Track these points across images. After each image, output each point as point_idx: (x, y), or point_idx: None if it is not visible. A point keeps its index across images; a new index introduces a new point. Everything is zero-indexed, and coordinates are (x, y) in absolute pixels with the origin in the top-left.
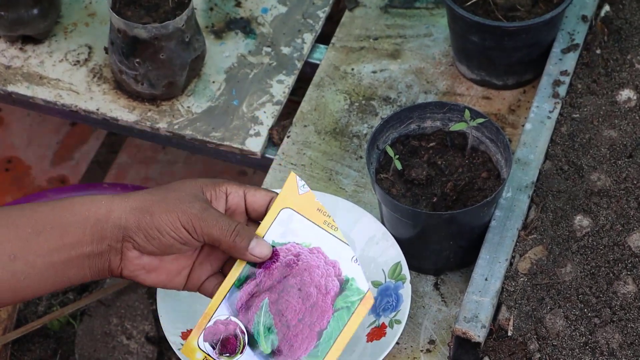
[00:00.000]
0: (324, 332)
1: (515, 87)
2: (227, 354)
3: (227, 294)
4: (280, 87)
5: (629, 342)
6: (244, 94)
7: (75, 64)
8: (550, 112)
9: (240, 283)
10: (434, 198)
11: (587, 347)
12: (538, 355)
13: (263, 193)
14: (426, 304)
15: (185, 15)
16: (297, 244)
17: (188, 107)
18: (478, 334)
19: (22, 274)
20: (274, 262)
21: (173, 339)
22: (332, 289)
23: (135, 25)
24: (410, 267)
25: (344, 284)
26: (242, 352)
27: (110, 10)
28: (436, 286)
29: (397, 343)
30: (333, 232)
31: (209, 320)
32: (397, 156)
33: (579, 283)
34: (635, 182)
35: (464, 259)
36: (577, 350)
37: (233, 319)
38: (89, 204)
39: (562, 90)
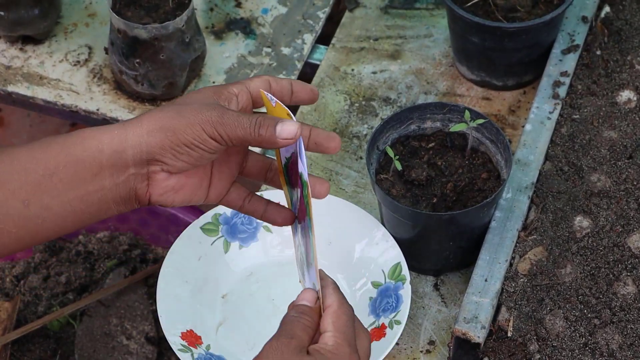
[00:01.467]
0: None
1: (515, 88)
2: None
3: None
4: None
5: (628, 343)
6: None
7: (75, 64)
8: (550, 113)
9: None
10: (434, 199)
11: (587, 348)
12: (538, 356)
13: (258, 79)
14: (426, 305)
15: (186, 16)
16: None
17: None
18: (478, 335)
19: (38, 218)
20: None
21: (173, 339)
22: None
23: (136, 26)
24: (410, 268)
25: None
26: None
27: (111, 11)
28: (436, 287)
29: (397, 344)
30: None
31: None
32: (397, 157)
33: (578, 284)
34: (635, 183)
35: (463, 259)
36: (577, 351)
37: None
38: (100, 135)
39: (562, 91)
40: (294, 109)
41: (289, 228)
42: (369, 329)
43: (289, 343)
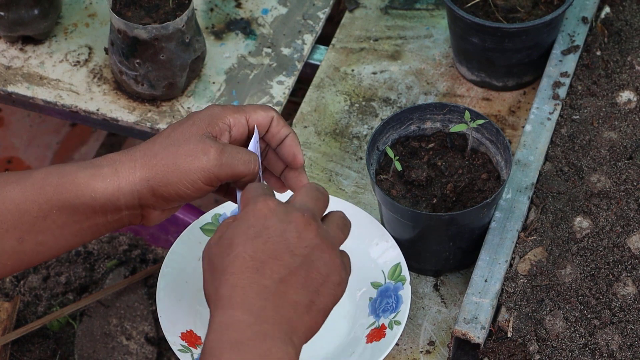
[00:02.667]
0: None
1: (515, 89)
2: None
3: None
4: (281, 88)
5: (628, 343)
6: (244, 95)
7: (75, 65)
8: (550, 113)
9: None
10: (434, 199)
11: (587, 349)
12: (538, 357)
13: (263, 113)
14: (426, 305)
15: (186, 16)
16: None
17: (188, 107)
18: (478, 336)
19: (33, 252)
20: None
21: (173, 339)
22: None
23: (136, 26)
24: (410, 268)
25: None
26: None
27: (111, 11)
28: (436, 287)
29: (397, 344)
30: None
31: None
32: (397, 157)
33: (578, 284)
34: (635, 183)
35: (463, 260)
36: (576, 351)
37: None
38: (94, 183)
39: (562, 92)
40: (291, 111)
41: None
42: (369, 330)
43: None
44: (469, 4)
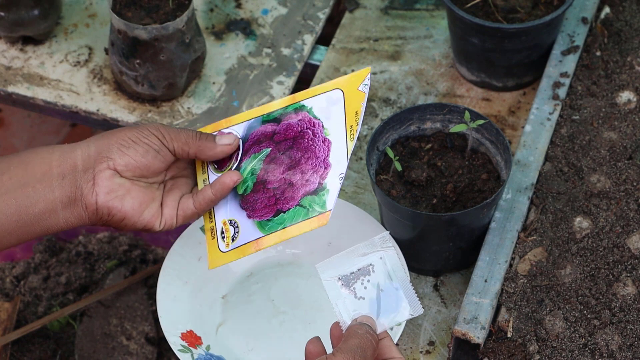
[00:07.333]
0: (280, 214)
1: (515, 89)
2: (219, 169)
3: (252, 120)
4: (281, 88)
5: (628, 343)
6: (244, 95)
7: (75, 65)
8: (550, 113)
9: (267, 119)
10: (434, 199)
11: (587, 349)
12: (537, 357)
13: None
14: (426, 306)
15: (186, 17)
16: (323, 126)
17: (188, 108)
18: (477, 336)
19: None
20: (296, 125)
21: (173, 339)
22: (310, 185)
23: (136, 27)
24: (410, 269)
25: (319, 189)
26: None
27: (111, 11)
28: (436, 287)
29: (397, 344)
30: (349, 140)
31: (227, 128)
32: (397, 157)
33: (578, 285)
34: (634, 184)
35: (463, 260)
36: (576, 351)
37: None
38: (53, 146)
39: (562, 92)
40: None
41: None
42: None
43: None
44: (469, 5)
